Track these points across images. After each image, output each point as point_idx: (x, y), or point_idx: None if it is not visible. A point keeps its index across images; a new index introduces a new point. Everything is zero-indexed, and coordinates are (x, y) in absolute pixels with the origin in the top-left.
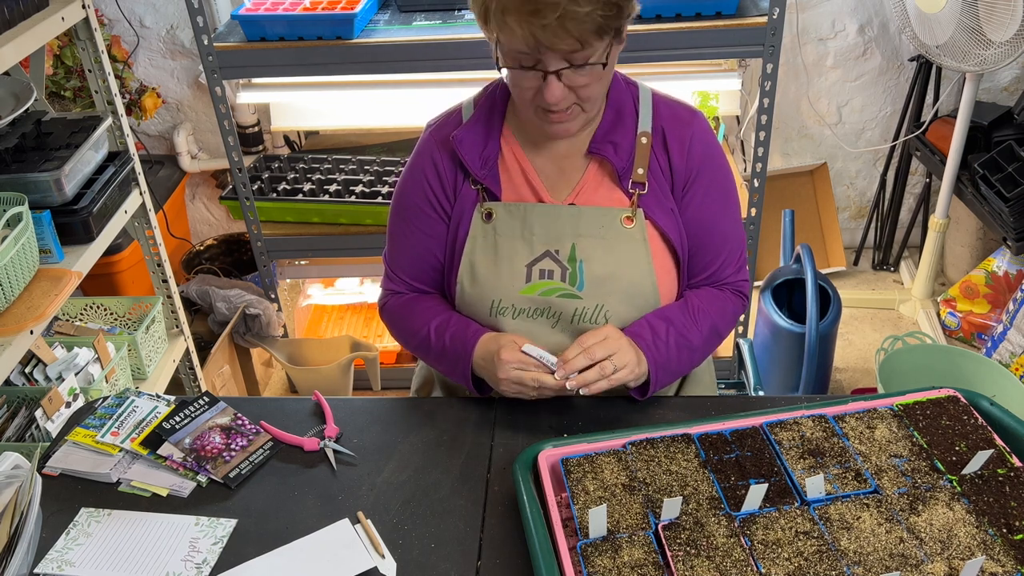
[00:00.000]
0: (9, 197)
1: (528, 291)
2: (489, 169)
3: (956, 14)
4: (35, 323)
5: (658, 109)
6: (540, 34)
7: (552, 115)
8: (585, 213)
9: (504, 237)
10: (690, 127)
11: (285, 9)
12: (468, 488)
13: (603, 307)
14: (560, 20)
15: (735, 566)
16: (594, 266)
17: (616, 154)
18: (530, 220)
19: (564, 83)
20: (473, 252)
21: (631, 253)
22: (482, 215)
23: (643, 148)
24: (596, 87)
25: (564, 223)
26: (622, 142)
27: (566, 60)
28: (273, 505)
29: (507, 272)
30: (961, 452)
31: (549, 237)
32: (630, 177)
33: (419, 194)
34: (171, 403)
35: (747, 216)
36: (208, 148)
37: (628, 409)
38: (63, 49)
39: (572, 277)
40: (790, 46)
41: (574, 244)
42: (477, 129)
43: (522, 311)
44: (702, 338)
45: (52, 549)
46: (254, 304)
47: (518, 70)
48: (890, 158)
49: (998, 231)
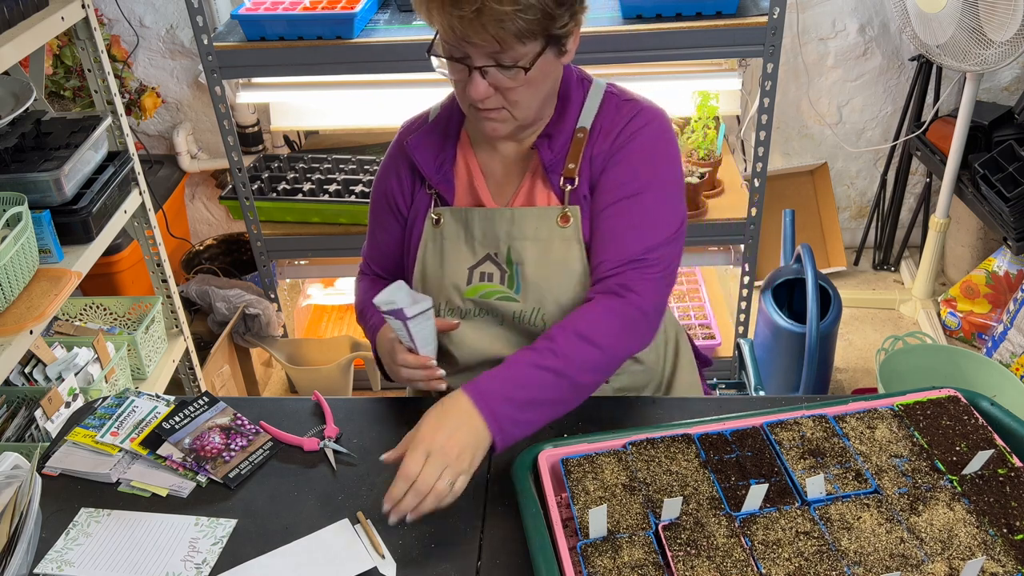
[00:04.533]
0: (9, 197)
1: (470, 293)
2: (443, 175)
3: (956, 14)
4: (35, 323)
5: (605, 105)
6: (457, 26)
7: (481, 112)
8: (519, 216)
9: (450, 241)
10: (628, 117)
11: (285, 9)
12: (468, 488)
13: (539, 310)
14: (477, 14)
15: (735, 566)
16: (528, 269)
17: (549, 148)
18: (471, 224)
19: (490, 82)
20: (424, 256)
21: (565, 254)
22: (432, 220)
23: (578, 143)
24: (524, 92)
25: (500, 226)
26: (558, 136)
27: (492, 59)
28: (273, 505)
29: (451, 275)
30: (961, 452)
31: (488, 241)
32: (560, 172)
33: (381, 193)
34: (171, 403)
35: (747, 216)
36: (208, 148)
37: (628, 409)
38: (63, 49)
39: (510, 280)
40: (790, 46)
41: (509, 247)
42: (434, 135)
43: (467, 312)
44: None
45: (52, 549)
46: (254, 304)
47: (449, 60)
48: (890, 158)
49: (998, 231)
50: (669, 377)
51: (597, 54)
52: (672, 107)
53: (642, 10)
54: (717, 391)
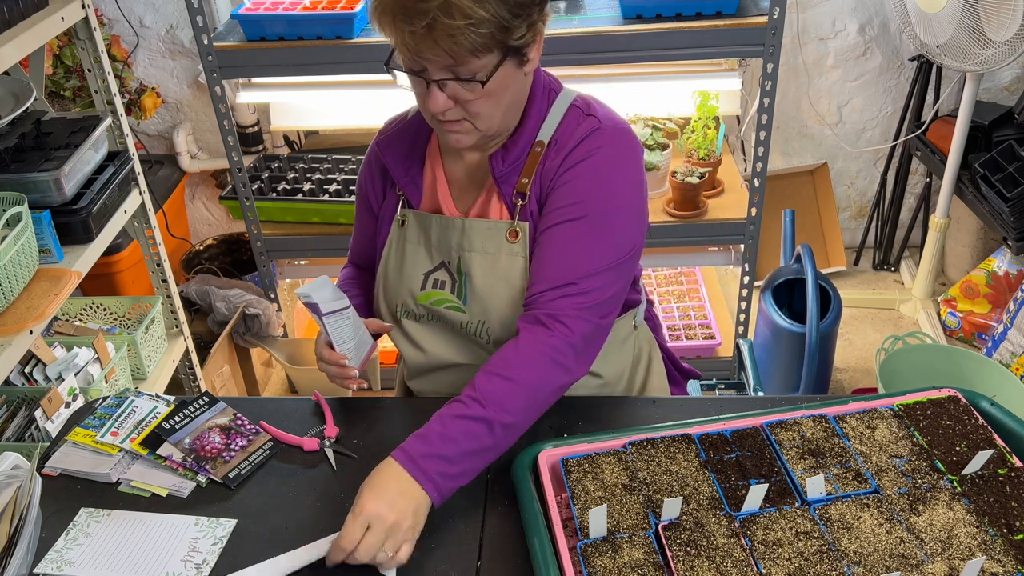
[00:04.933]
0: (9, 197)
1: (423, 299)
2: (411, 178)
3: (956, 14)
4: (35, 323)
5: (567, 119)
6: (409, 41)
7: (443, 124)
8: (469, 226)
9: (411, 244)
10: (583, 136)
11: (285, 9)
12: (468, 488)
13: (484, 323)
14: (428, 29)
15: (735, 566)
16: (476, 281)
17: (502, 160)
18: (429, 230)
19: (449, 94)
20: (388, 256)
21: (511, 269)
22: (398, 222)
23: (534, 157)
24: (484, 104)
25: (452, 235)
26: (513, 148)
27: (450, 71)
28: (273, 505)
29: (408, 278)
30: (961, 452)
31: (442, 249)
32: (513, 185)
33: (363, 187)
34: (171, 403)
35: (747, 216)
36: (208, 148)
37: (628, 409)
38: (63, 49)
39: (459, 290)
40: (790, 46)
41: (460, 257)
42: (405, 136)
43: (420, 316)
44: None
45: (52, 549)
46: (254, 304)
47: (407, 73)
48: (890, 158)
49: (998, 231)
50: (639, 390)
51: (597, 54)
52: (672, 107)
53: (642, 10)
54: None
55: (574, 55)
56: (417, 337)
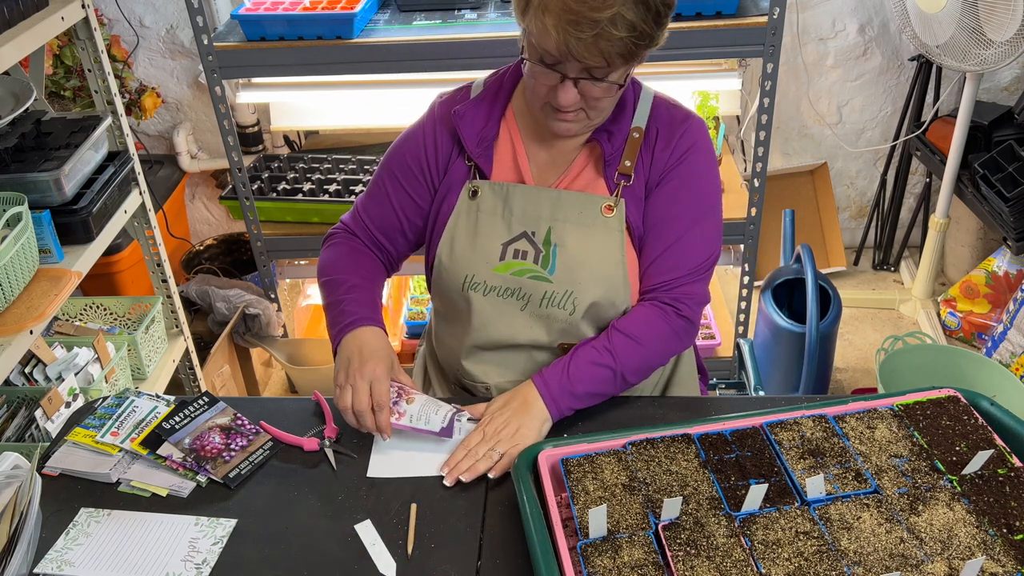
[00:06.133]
0: (9, 197)
1: (500, 269)
2: (484, 149)
3: (956, 14)
4: (35, 323)
5: (657, 109)
6: (572, 44)
7: (559, 114)
8: (564, 197)
9: (485, 214)
10: (682, 128)
11: (285, 9)
12: (468, 488)
13: (572, 293)
14: (595, 37)
15: (735, 566)
16: (567, 251)
17: (609, 141)
18: (511, 200)
19: (579, 90)
20: (455, 227)
21: (606, 242)
22: (469, 192)
23: (634, 142)
24: (607, 100)
25: (543, 206)
26: (617, 133)
27: (587, 71)
28: (273, 505)
29: (483, 249)
30: (961, 452)
31: (527, 218)
32: (616, 166)
33: (413, 157)
34: (171, 403)
35: (747, 216)
36: (208, 148)
37: (628, 409)
38: (63, 49)
39: (545, 260)
40: (790, 46)
41: (550, 227)
42: (481, 108)
43: (493, 289)
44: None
45: (52, 549)
46: (254, 304)
47: (539, 66)
48: (890, 158)
49: (998, 231)
50: (666, 381)
51: None
52: None
53: None
54: (717, 391)
55: None
56: (484, 312)
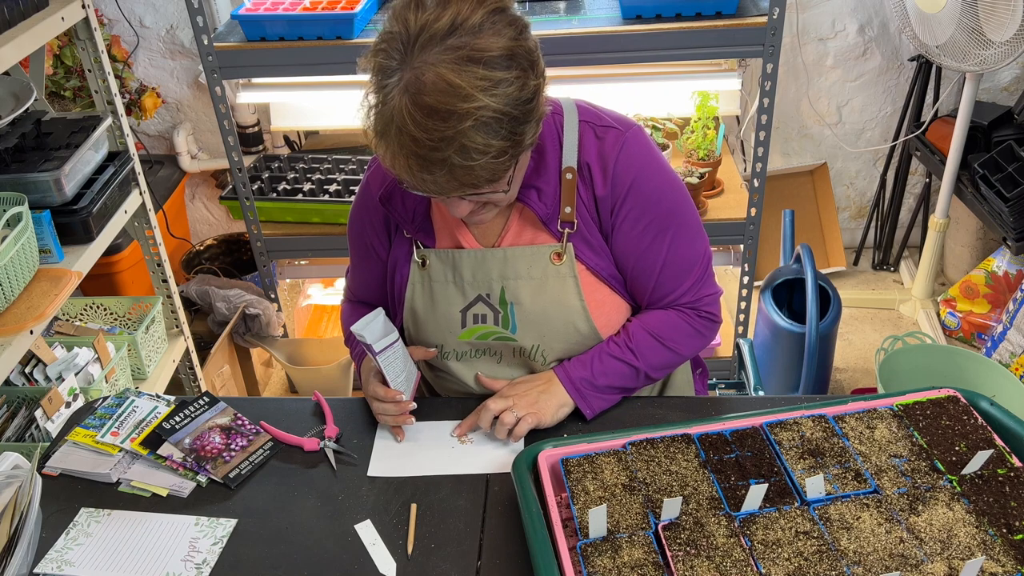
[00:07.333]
0: (9, 197)
1: (465, 336)
2: (420, 222)
3: (956, 14)
4: (35, 323)
5: (584, 139)
6: (429, 186)
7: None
8: (511, 255)
9: (438, 283)
10: (614, 154)
11: (285, 9)
12: (468, 488)
13: (539, 347)
14: (448, 175)
15: (735, 566)
16: (524, 308)
17: (540, 200)
18: (459, 266)
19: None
20: (413, 299)
21: (561, 292)
22: (417, 264)
23: (568, 185)
24: (506, 193)
25: (492, 267)
26: (545, 187)
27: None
28: (273, 505)
29: (444, 317)
30: (961, 452)
31: (478, 282)
32: (557, 218)
33: (357, 233)
34: (171, 403)
35: (747, 216)
36: (208, 148)
37: (628, 409)
38: (63, 49)
39: (504, 320)
40: (790, 46)
41: (503, 287)
42: None
43: (464, 354)
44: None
45: (52, 549)
46: (254, 304)
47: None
48: (890, 158)
49: (998, 231)
50: (663, 381)
51: (597, 54)
52: (672, 107)
53: (642, 10)
54: (717, 391)
55: (574, 55)
56: (464, 372)
